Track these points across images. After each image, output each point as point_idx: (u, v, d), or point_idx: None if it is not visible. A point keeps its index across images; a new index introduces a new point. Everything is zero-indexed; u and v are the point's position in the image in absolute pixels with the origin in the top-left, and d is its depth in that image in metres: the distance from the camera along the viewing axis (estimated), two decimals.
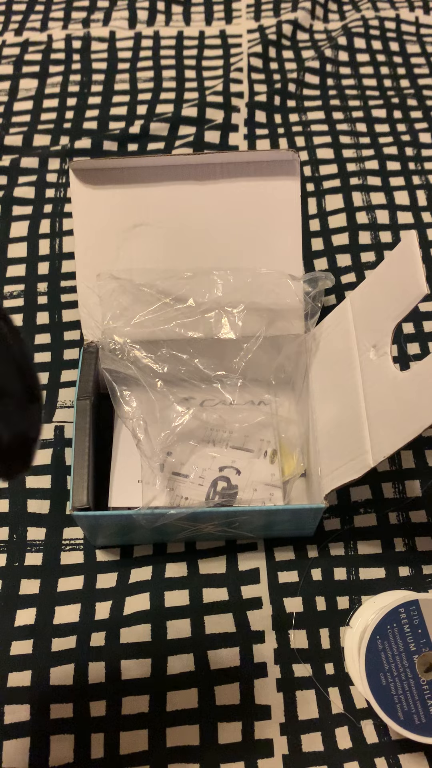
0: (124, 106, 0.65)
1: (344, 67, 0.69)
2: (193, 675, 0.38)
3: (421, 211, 0.59)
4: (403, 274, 0.35)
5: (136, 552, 0.42)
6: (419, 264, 0.33)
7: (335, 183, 0.60)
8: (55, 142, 0.62)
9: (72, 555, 0.42)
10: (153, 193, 0.41)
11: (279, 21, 0.72)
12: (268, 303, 0.41)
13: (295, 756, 0.36)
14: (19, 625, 0.39)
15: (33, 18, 0.73)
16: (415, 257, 0.34)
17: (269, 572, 0.41)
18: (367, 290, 0.38)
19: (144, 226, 0.41)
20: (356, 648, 0.37)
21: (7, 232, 0.56)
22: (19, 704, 0.37)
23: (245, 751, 0.36)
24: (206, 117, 0.64)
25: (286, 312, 0.42)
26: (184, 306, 0.41)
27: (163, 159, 0.40)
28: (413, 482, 0.45)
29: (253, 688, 0.38)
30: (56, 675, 0.38)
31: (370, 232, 0.57)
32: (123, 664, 0.38)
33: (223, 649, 0.39)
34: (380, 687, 0.34)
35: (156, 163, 0.40)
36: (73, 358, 0.49)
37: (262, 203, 0.41)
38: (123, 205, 0.41)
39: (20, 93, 0.66)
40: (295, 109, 0.66)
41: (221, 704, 0.37)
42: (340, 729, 0.37)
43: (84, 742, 0.36)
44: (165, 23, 0.73)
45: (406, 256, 0.34)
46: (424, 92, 0.67)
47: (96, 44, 0.71)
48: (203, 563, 0.42)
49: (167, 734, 0.37)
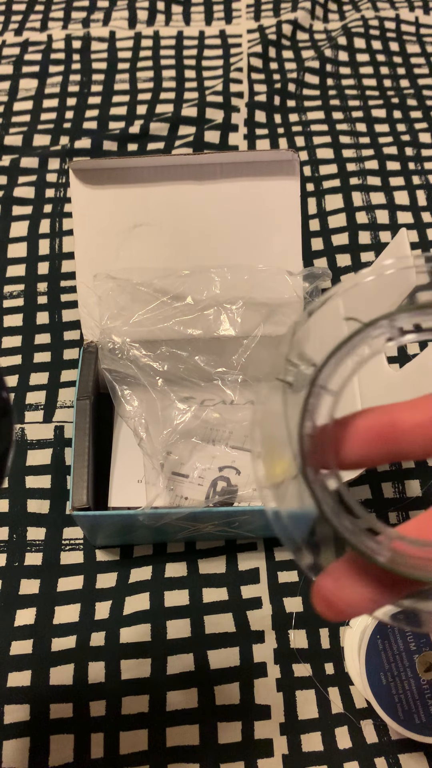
0: (123, 106, 0.65)
1: (344, 67, 0.69)
2: (193, 675, 0.38)
3: (421, 211, 0.59)
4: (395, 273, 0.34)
5: (136, 552, 0.42)
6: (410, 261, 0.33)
7: (335, 183, 0.60)
8: (55, 142, 0.62)
9: (72, 555, 0.42)
10: (153, 193, 0.41)
11: (279, 21, 0.72)
12: (266, 299, 0.41)
13: (294, 756, 0.36)
14: (19, 625, 0.39)
15: (33, 18, 0.73)
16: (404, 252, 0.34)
17: (269, 572, 0.41)
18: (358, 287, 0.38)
19: (144, 226, 0.41)
20: (356, 648, 0.37)
21: (7, 232, 0.56)
22: (19, 704, 0.37)
23: (245, 751, 0.36)
24: (206, 117, 0.64)
25: (285, 307, 0.42)
26: (183, 304, 0.41)
27: (163, 159, 0.40)
28: (413, 482, 0.45)
29: (253, 688, 0.38)
30: (56, 675, 0.38)
31: (369, 232, 0.57)
32: (123, 664, 0.38)
33: (223, 649, 0.39)
34: (380, 687, 0.34)
35: (156, 163, 0.40)
36: (73, 357, 0.49)
37: (262, 203, 0.41)
38: (123, 205, 0.41)
39: (20, 93, 0.66)
40: (295, 109, 0.66)
41: (221, 704, 0.37)
42: (340, 729, 0.37)
43: (84, 742, 0.36)
44: (165, 23, 0.73)
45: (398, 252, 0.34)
46: (424, 92, 0.67)
47: (96, 44, 0.71)
48: (203, 563, 0.42)
49: (167, 734, 0.37)
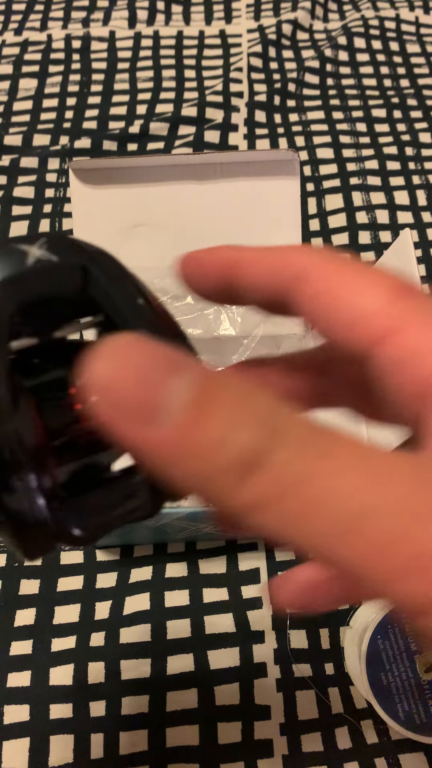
0: (123, 106, 0.65)
1: (344, 67, 0.69)
2: (193, 675, 0.38)
3: (421, 210, 0.59)
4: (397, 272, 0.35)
5: (136, 552, 0.42)
6: (413, 262, 0.33)
7: (335, 183, 0.60)
8: (55, 142, 0.62)
9: (72, 555, 0.42)
10: (153, 193, 0.41)
11: (279, 21, 0.72)
12: None
13: (294, 756, 0.36)
14: (18, 625, 0.39)
15: (33, 18, 0.73)
16: (409, 255, 0.34)
17: (269, 572, 0.41)
18: None
19: (144, 226, 0.41)
20: (357, 648, 0.37)
21: (7, 232, 0.56)
22: (19, 704, 0.37)
23: (245, 751, 0.36)
24: (206, 117, 0.64)
25: None
26: (183, 303, 0.41)
27: (163, 159, 0.40)
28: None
29: (253, 688, 0.38)
30: (56, 675, 0.38)
31: (370, 232, 0.57)
32: (123, 664, 0.38)
33: (223, 649, 0.39)
34: (381, 687, 0.34)
35: (156, 163, 0.40)
36: None
37: (262, 203, 0.41)
38: (123, 205, 0.41)
39: (20, 93, 0.66)
40: (295, 109, 0.66)
41: (221, 704, 0.37)
42: (339, 729, 0.37)
43: (84, 742, 0.36)
44: (165, 23, 0.73)
45: (401, 254, 0.34)
46: (424, 92, 0.67)
47: (96, 44, 0.71)
48: (203, 563, 0.42)
49: (167, 734, 0.36)
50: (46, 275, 0.15)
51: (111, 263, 0.16)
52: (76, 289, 0.15)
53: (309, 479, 0.11)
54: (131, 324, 0.15)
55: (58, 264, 0.15)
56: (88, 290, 0.15)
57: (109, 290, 0.15)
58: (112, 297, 0.15)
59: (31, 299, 0.15)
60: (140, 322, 0.15)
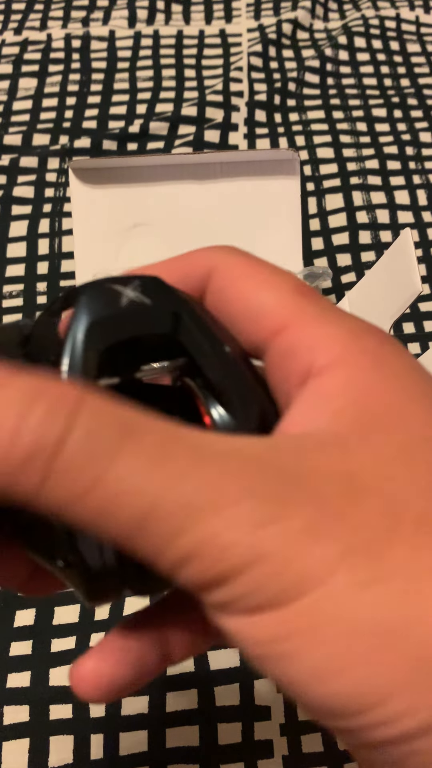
0: (123, 106, 0.65)
1: (344, 67, 0.69)
2: (193, 675, 0.38)
3: (421, 210, 0.58)
4: (398, 273, 0.34)
5: None
6: (414, 262, 0.33)
7: (335, 182, 0.60)
8: (55, 142, 0.62)
9: None
10: (153, 192, 0.41)
11: (279, 20, 0.72)
12: None
13: (295, 757, 0.36)
14: (18, 625, 0.39)
15: (32, 17, 0.73)
16: (410, 255, 0.34)
17: None
18: (364, 289, 0.38)
19: (144, 225, 0.41)
20: None
21: (7, 232, 0.56)
22: (19, 705, 0.37)
23: (245, 752, 0.36)
24: (206, 116, 0.63)
25: None
26: None
27: (163, 158, 0.40)
28: None
29: (253, 689, 0.38)
30: (56, 675, 0.38)
31: (370, 231, 0.57)
32: None
33: (223, 649, 0.39)
34: None
35: (155, 163, 0.40)
36: None
37: (262, 203, 0.41)
38: (123, 204, 0.41)
39: (19, 92, 0.66)
40: (295, 109, 0.65)
41: (221, 705, 0.37)
42: None
43: (84, 743, 0.36)
44: (165, 22, 0.73)
45: (402, 254, 0.34)
46: (425, 91, 0.67)
47: (95, 43, 0.70)
48: None
49: (167, 735, 0.36)
50: (140, 317, 0.16)
51: (200, 310, 0.17)
52: (165, 332, 0.16)
53: (104, 478, 0.12)
54: (216, 369, 0.16)
55: (151, 307, 0.16)
56: (178, 334, 0.16)
57: (197, 336, 0.16)
58: (200, 343, 0.16)
59: (123, 339, 0.15)
60: (225, 368, 0.16)
